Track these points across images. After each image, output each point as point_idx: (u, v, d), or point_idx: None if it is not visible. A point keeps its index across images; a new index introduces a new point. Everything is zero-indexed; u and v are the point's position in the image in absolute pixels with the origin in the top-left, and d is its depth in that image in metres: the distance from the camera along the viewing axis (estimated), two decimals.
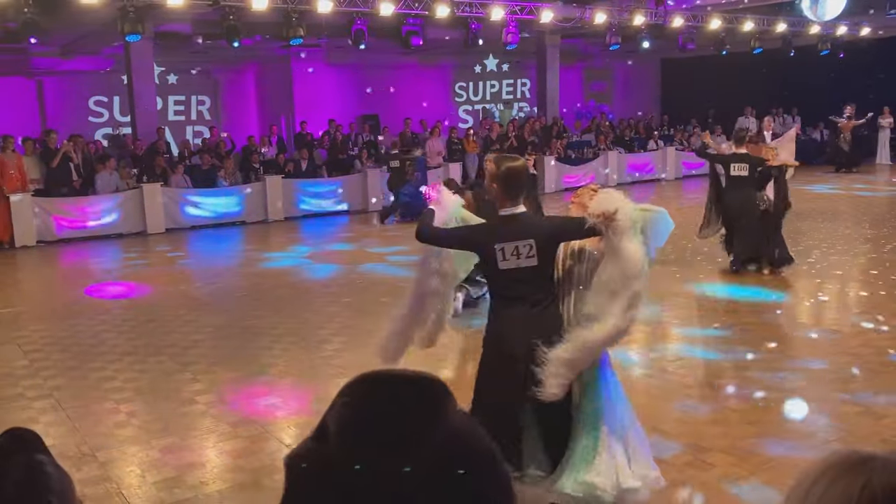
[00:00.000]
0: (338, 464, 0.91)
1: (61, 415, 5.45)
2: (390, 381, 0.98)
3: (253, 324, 7.71)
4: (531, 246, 3.57)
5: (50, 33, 14.83)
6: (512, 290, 3.64)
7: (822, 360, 6.22)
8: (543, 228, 3.69)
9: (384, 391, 0.96)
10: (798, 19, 18.25)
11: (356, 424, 0.93)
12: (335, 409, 0.95)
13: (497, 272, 3.64)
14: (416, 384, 0.97)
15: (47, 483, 1.16)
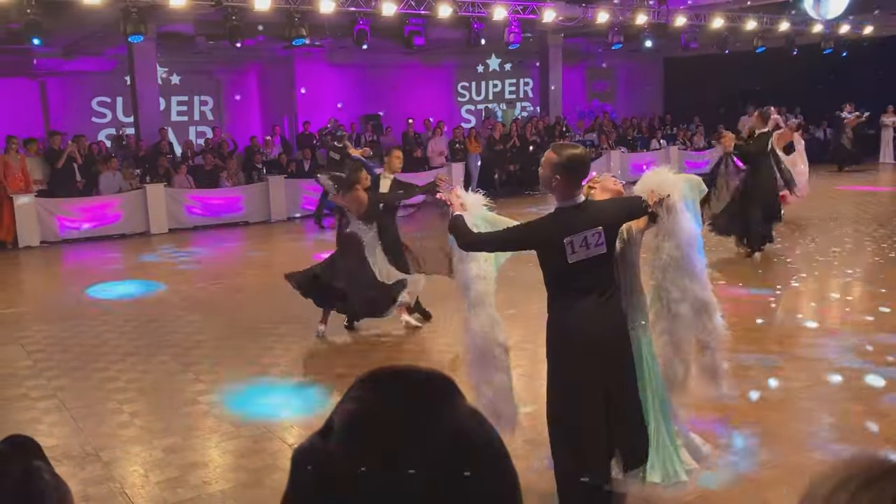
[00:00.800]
0: (339, 459, 0.91)
1: (65, 415, 5.46)
2: (396, 378, 0.98)
3: (255, 324, 7.71)
4: (600, 234, 3.41)
5: (53, 34, 14.86)
6: (581, 282, 3.47)
7: (824, 358, 6.21)
8: (609, 214, 3.50)
9: (389, 387, 0.97)
10: (801, 18, 18.23)
11: (358, 420, 0.93)
12: (342, 404, 0.96)
13: (565, 266, 3.45)
14: (422, 381, 0.97)
15: (43, 489, 1.16)
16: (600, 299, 3.48)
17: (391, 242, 7.03)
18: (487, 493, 0.93)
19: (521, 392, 5.77)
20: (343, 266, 6.98)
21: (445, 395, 0.96)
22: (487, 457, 0.95)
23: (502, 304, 7.63)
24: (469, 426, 0.95)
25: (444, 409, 0.94)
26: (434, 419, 0.93)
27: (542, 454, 4.24)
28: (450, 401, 0.96)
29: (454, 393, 0.98)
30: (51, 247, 12.83)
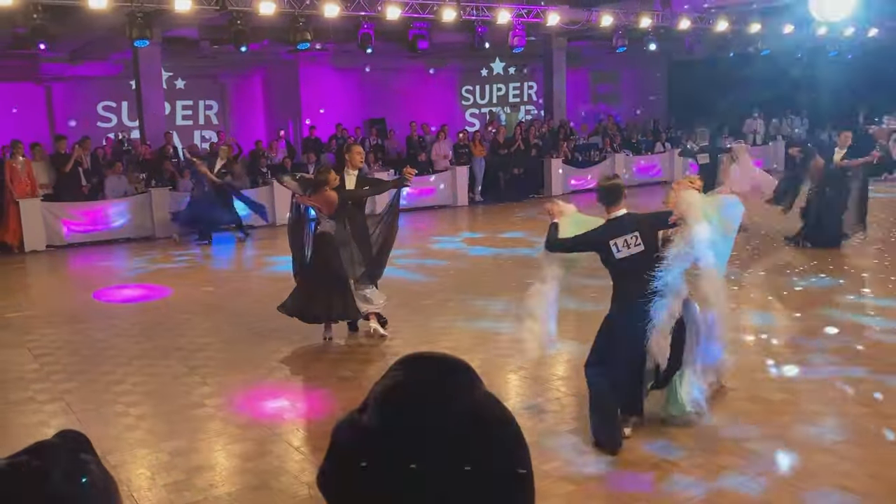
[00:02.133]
0: (370, 434, 1.02)
1: (71, 418, 5.48)
2: (426, 360, 1.10)
3: (261, 327, 7.73)
4: (637, 236, 4.74)
5: (59, 39, 14.91)
6: (628, 272, 4.75)
7: (830, 362, 6.20)
8: (643, 222, 4.86)
9: (419, 368, 1.08)
10: (806, 21, 18.20)
11: (390, 395, 1.05)
12: (379, 382, 1.08)
13: (615, 261, 4.78)
14: (448, 364, 1.09)
15: (91, 481, 1.20)
16: (641, 284, 4.66)
17: (360, 237, 7.14)
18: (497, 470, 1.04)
19: (525, 391, 5.77)
20: (315, 269, 7.00)
21: (467, 378, 1.08)
22: (500, 435, 1.06)
23: (506, 305, 7.60)
24: (486, 406, 1.07)
25: (465, 389, 1.06)
26: (456, 397, 1.04)
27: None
28: (470, 384, 1.08)
29: (474, 378, 1.09)
30: (57, 251, 12.87)
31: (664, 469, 4.37)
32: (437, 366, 1.09)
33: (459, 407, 1.04)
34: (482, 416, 1.05)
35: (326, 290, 6.93)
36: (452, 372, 1.08)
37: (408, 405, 1.03)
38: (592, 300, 8.47)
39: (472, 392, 1.07)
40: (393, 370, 1.08)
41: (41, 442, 1.20)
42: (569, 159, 18.83)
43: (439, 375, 1.07)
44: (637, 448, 4.65)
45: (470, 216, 16.26)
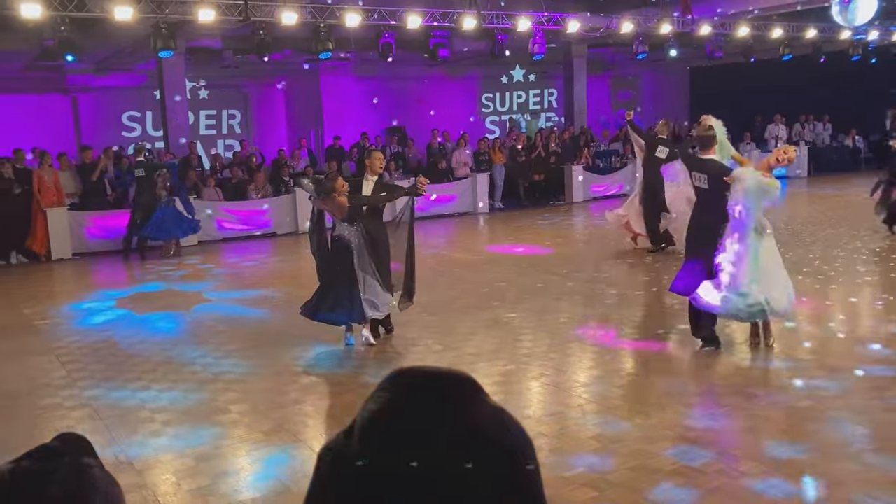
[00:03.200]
0: (356, 457, 0.92)
1: (98, 424, 5.56)
2: (417, 377, 0.98)
3: (284, 333, 7.79)
4: (706, 177, 6.46)
5: (85, 51, 15.16)
6: (700, 198, 6.69)
7: (857, 367, 6.14)
8: (713, 169, 6.44)
9: (409, 387, 0.96)
10: (828, 25, 18.07)
11: (376, 419, 0.93)
12: (366, 404, 0.96)
13: (694, 187, 6.74)
14: (443, 381, 0.96)
15: (93, 485, 1.21)
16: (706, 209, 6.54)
17: (376, 243, 7.21)
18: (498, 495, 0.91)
19: (546, 399, 5.78)
20: (327, 271, 7.13)
21: (466, 395, 0.95)
22: (503, 457, 0.93)
23: (527, 312, 7.64)
24: (488, 426, 0.93)
25: (462, 409, 0.93)
26: (451, 420, 0.92)
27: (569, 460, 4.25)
28: (469, 402, 0.95)
29: (476, 393, 0.96)
30: (83, 259, 13.05)
31: (686, 475, 4.35)
32: (429, 384, 0.96)
33: (454, 433, 0.91)
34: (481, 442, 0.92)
35: (335, 292, 7.02)
36: (447, 391, 0.95)
37: (393, 432, 0.92)
38: (613, 307, 8.46)
39: (472, 413, 0.93)
40: (381, 389, 0.97)
41: (43, 445, 1.17)
42: (590, 166, 18.80)
43: (431, 396, 0.94)
44: (659, 454, 4.64)
45: (490, 223, 16.28)
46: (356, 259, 7.02)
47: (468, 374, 0.98)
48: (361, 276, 7.00)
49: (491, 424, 0.94)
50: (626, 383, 6.06)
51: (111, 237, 13.51)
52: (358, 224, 7.09)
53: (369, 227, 7.20)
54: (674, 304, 8.33)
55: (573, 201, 18.06)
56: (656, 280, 9.72)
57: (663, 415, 5.28)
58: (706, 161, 6.49)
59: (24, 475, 1.12)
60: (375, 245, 7.20)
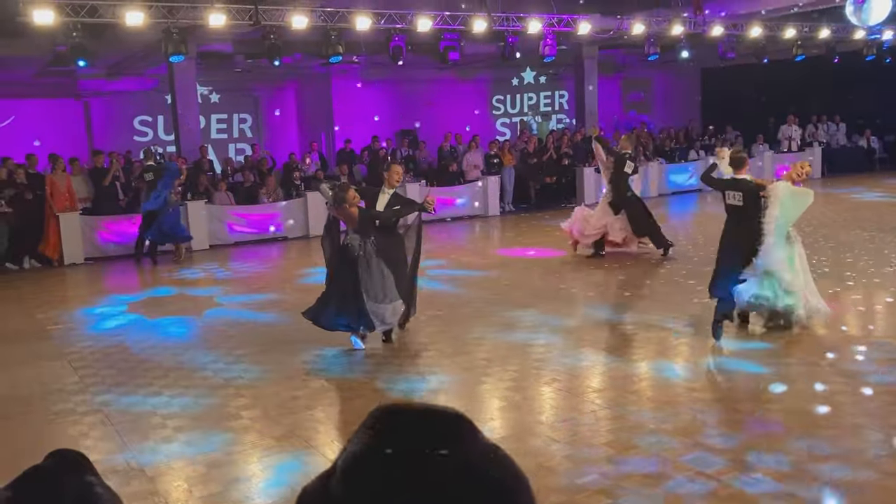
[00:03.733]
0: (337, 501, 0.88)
1: (110, 430, 5.56)
2: (401, 417, 0.92)
3: (295, 338, 7.77)
4: (741, 195, 7.19)
5: (96, 56, 15.22)
6: (732, 214, 7.36)
7: (873, 372, 6.07)
8: (747, 187, 7.18)
9: (392, 428, 0.91)
10: (842, 25, 17.94)
11: (357, 463, 0.90)
12: (348, 445, 0.92)
13: (726, 204, 7.39)
14: (429, 420, 0.92)
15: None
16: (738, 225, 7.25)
17: (388, 255, 7.28)
18: None
19: (559, 404, 5.73)
20: (335, 278, 7.23)
21: (456, 434, 0.90)
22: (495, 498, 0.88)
23: (539, 316, 7.58)
24: (480, 469, 0.88)
25: (452, 449, 0.88)
26: (440, 461, 0.87)
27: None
28: (460, 441, 0.90)
29: (466, 431, 0.91)
30: (95, 263, 13.10)
31: (701, 482, 4.30)
32: (416, 423, 0.91)
33: (443, 474, 0.86)
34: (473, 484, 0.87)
35: (340, 299, 7.11)
36: (435, 430, 0.90)
37: (379, 475, 0.87)
38: (626, 310, 8.40)
39: (462, 453, 0.88)
40: (364, 427, 0.92)
41: (38, 466, 1.16)
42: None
43: (418, 436, 0.89)
44: (674, 461, 4.59)
45: (501, 226, 16.24)
46: (361, 271, 7.08)
47: (458, 411, 0.92)
48: (364, 289, 7.05)
49: (483, 464, 0.89)
50: (640, 388, 6.01)
51: (124, 242, 13.55)
52: (368, 237, 7.16)
53: (381, 240, 7.25)
54: (686, 306, 8.27)
55: (585, 203, 17.97)
56: (668, 282, 9.65)
57: (678, 421, 5.23)
58: (739, 180, 7.28)
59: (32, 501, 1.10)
60: (387, 258, 7.24)
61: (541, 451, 4.85)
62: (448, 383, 6.33)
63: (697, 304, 8.42)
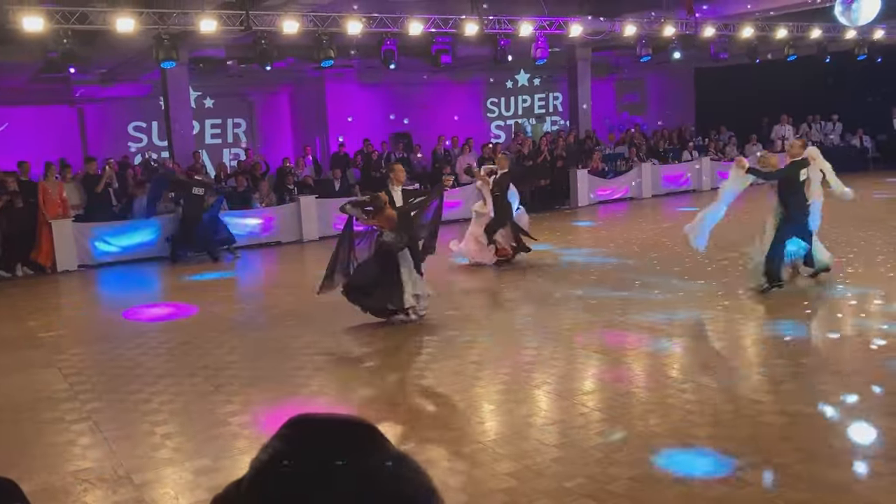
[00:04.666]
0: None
1: (98, 437, 5.54)
2: (310, 426, 0.94)
3: (286, 344, 7.77)
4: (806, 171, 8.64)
5: (89, 62, 15.21)
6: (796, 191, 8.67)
7: (862, 372, 6.07)
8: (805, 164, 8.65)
9: (301, 437, 0.93)
10: (833, 25, 17.97)
11: (266, 470, 0.91)
12: (258, 453, 0.94)
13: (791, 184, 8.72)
14: (339, 430, 0.93)
15: None
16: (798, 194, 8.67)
17: (416, 249, 8.24)
18: None
19: (549, 407, 5.73)
20: (375, 271, 8.00)
21: (362, 445, 0.92)
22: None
23: (531, 319, 7.57)
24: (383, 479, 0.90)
25: (356, 459, 0.90)
26: (343, 471, 0.89)
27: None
28: (366, 451, 0.91)
29: (374, 443, 0.93)
30: (88, 271, 13.08)
31: (688, 485, 4.30)
32: (324, 434, 0.93)
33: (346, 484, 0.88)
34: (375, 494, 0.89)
35: (384, 288, 7.96)
36: (341, 441, 0.92)
37: (280, 484, 0.88)
38: (618, 313, 8.40)
39: (367, 464, 0.91)
40: (274, 438, 0.93)
41: None
42: (595, 170, 18.74)
43: (323, 447, 0.91)
44: (661, 463, 4.59)
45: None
46: (401, 261, 7.97)
47: (368, 423, 0.94)
48: (408, 275, 7.98)
49: (389, 475, 0.90)
50: (630, 391, 6.00)
51: (117, 249, 13.54)
52: (402, 230, 7.96)
53: (411, 230, 8.14)
54: (677, 308, 8.28)
55: (578, 205, 18.01)
56: (654, 284, 9.65)
57: (666, 423, 5.22)
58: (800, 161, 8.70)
59: None
60: (415, 244, 8.22)
61: (529, 453, 4.85)
62: (439, 387, 6.32)
63: (688, 306, 8.42)
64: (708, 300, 8.61)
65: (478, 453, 4.91)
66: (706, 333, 7.48)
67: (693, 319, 7.90)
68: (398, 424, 5.50)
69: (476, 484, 4.48)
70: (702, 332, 7.53)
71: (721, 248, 11.18)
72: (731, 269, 10.22)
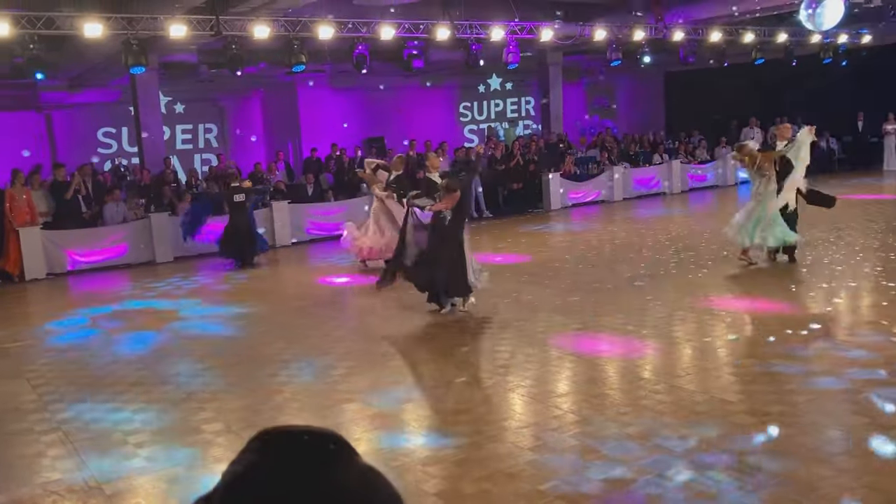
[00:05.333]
0: None
1: (68, 448, 5.47)
2: (281, 439, 0.95)
3: (259, 350, 7.73)
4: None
5: (57, 68, 15.02)
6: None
7: (829, 371, 6.17)
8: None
9: (272, 449, 0.94)
10: (799, 29, 18.27)
11: (237, 483, 0.91)
12: (229, 466, 0.94)
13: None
14: (306, 441, 0.95)
15: None
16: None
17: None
18: None
19: (523, 410, 5.75)
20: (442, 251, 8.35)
21: (331, 457, 0.93)
22: None
23: (504, 322, 7.61)
24: (353, 491, 0.91)
25: (326, 472, 0.91)
26: (313, 483, 0.90)
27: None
28: (335, 464, 0.93)
29: (342, 454, 0.94)
30: (57, 279, 12.91)
31: (661, 486, 4.34)
32: (293, 446, 0.94)
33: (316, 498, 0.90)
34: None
35: (451, 270, 8.32)
36: (311, 453, 0.93)
37: (250, 498, 0.90)
38: (591, 315, 8.46)
39: (336, 476, 0.92)
40: (244, 451, 0.95)
41: None
42: (567, 173, 18.86)
43: (293, 459, 0.92)
44: (634, 465, 4.63)
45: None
46: (464, 241, 8.42)
47: (336, 434, 0.96)
48: (469, 254, 8.47)
49: (357, 487, 0.92)
50: (603, 393, 6.05)
51: (87, 256, 13.38)
52: (458, 212, 8.44)
53: (469, 209, 8.94)
54: (646, 309, 8.36)
55: (551, 209, 18.11)
56: (627, 287, 9.74)
57: (640, 425, 5.27)
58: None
59: None
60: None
61: (503, 457, 4.87)
62: (414, 391, 6.32)
63: (656, 306, 8.51)
64: (679, 301, 8.70)
65: (453, 457, 4.92)
66: (678, 335, 7.55)
67: (665, 321, 7.97)
68: (373, 430, 5.50)
69: (451, 489, 4.49)
70: (673, 333, 7.60)
71: (689, 248, 11.30)
72: (702, 269, 10.34)
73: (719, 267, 10.47)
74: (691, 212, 17.52)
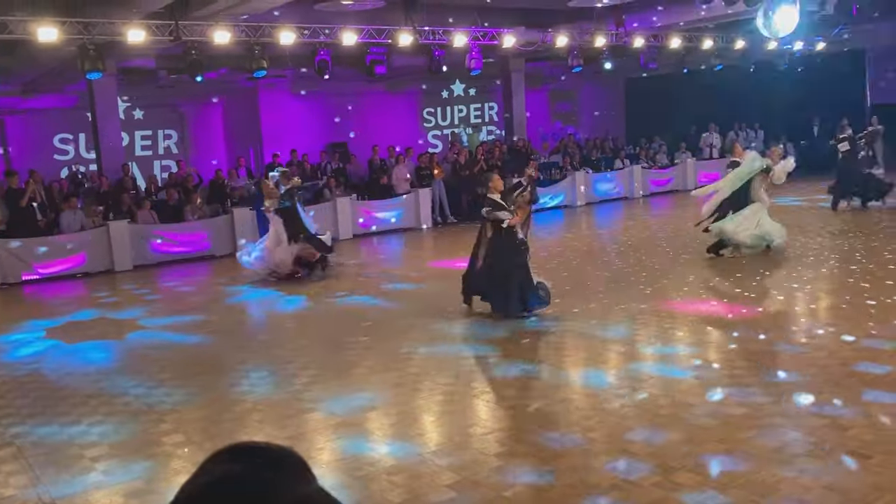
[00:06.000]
0: None
1: (23, 463, 5.32)
2: (244, 453, 0.96)
3: (220, 360, 7.61)
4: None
5: (9, 72, 14.69)
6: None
7: (789, 372, 6.27)
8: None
9: (236, 462, 0.94)
10: (756, 36, 18.59)
11: (199, 492, 0.92)
12: (192, 476, 0.95)
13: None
14: (270, 457, 0.95)
15: None
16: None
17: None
18: None
19: (489, 415, 5.73)
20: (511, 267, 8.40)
21: (291, 472, 0.95)
22: None
23: (470, 328, 7.56)
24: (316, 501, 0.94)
25: (286, 485, 0.93)
26: (273, 496, 0.91)
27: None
28: (294, 479, 0.94)
29: (301, 471, 0.96)
30: (11, 288, 12.59)
31: (624, 489, 4.35)
32: (255, 461, 0.94)
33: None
34: None
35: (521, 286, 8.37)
36: (271, 469, 0.94)
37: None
38: (552, 321, 8.49)
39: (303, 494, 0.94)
40: (201, 468, 0.95)
41: None
42: (538, 179, 18.92)
43: (254, 473, 0.93)
44: (597, 469, 4.64)
45: (433, 238, 16.26)
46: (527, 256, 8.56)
47: (294, 452, 0.96)
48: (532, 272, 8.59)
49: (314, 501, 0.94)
50: (567, 398, 6.06)
51: (41, 267, 13.06)
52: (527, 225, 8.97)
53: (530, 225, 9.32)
54: (610, 313, 8.41)
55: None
56: (592, 292, 9.79)
57: (603, 429, 5.29)
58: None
59: None
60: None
61: (468, 464, 4.85)
62: (378, 399, 6.27)
63: (619, 311, 8.56)
64: (642, 304, 8.76)
65: (418, 466, 4.89)
66: (640, 338, 7.61)
67: (627, 325, 8.03)
68: (337, 439, 5.44)
69: (416, 497, 4.45)
70: (635, 337, 7.65)
71: (656, 253, 11.42)
72: (665, 273, 10.45)
73: (680, 272, 10.58)
74: (651, 218, 17.71)
